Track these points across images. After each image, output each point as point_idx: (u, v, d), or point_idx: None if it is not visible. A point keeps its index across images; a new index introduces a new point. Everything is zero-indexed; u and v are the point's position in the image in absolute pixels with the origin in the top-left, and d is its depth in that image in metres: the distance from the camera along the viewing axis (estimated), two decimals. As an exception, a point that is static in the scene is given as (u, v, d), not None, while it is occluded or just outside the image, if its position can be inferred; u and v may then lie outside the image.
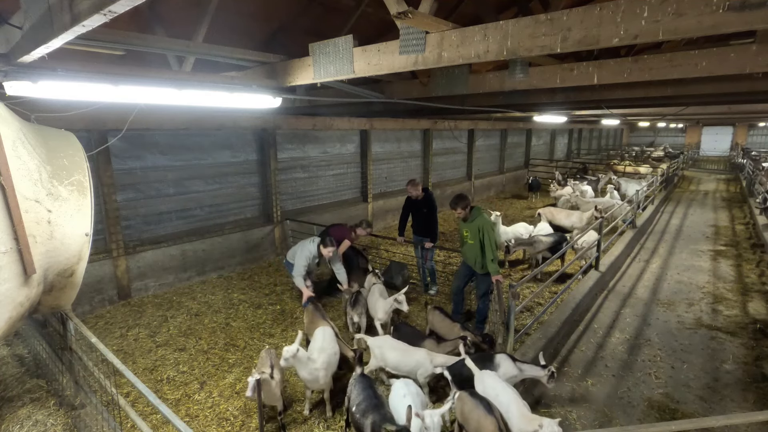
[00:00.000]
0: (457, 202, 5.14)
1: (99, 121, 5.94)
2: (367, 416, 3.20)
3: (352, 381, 3.61)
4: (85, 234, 3.09)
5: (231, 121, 7.78)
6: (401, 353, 4.22)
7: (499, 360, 3.98)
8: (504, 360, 3.97)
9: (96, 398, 3.80)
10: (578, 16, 2.27)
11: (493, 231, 5.08)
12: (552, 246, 7.49)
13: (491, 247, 4.98)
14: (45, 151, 3.00)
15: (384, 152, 12.00)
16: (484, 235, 4.99)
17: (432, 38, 2.86)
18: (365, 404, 3.30)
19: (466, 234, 5.25)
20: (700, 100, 5.87)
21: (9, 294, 2.67)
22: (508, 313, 4.56)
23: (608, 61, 3.65)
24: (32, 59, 2.71)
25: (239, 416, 4.06)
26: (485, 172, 17.04)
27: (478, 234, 5.04)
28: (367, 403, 3.31)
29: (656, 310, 6.45)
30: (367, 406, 3.28)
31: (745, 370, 4.87)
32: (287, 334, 5.62)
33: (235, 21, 4.64)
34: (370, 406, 3.28)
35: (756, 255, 9.10)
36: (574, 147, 26.41)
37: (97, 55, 4.22)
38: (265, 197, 8.85)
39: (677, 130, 37.39)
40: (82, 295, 5.70)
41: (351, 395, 3.51)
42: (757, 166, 16.35)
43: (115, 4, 1.76)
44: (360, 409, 3.29)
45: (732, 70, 3.11)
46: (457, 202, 5.14)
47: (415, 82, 5.16)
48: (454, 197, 5.20)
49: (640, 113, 10.14)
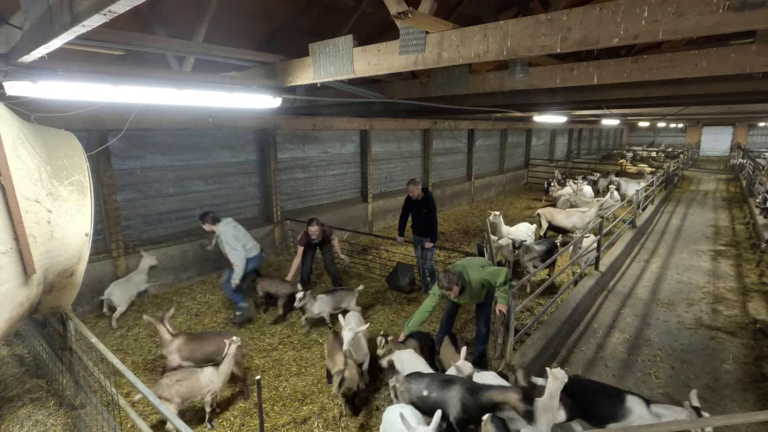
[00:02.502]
0: (451, 281, 4.16)
1: (99, 121, 5.94)
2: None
3: (486, 421, 3.05)
4: (85, 234, 3.09)
5: (231, 121, 7.78)
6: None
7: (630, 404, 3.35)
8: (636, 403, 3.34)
9: (96, 398, 3.79)
10: (578, 16, 2.27)
11: (490, 265, 4.54)
12: (544, 254, 7.05)
13: (504, 276, 4.30)
14: (45, 151, 2.99)
15: (384, 152, 12.00)
16: (489, 278, 4.31)
17: (432, 38, 2.85)
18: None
19: (468, 300, 4.53)
20: (700, 100, 5.87)
21: (9, 294, 2.67)
22: (508, 313, 4.55)
23: (608, 61, 3.65)
24: (32, 59, 2.71)
25: (239, 416, 4.06)
26: (485, 172, 17.04)
27: (482, 289, 4.39)
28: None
29: (656, 310, 6.45)
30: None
31: (745, 370, 4.87)
32: (287, 334, 5.62)
33: (234, 21, 4.64)
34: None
35: (756, 255, 9.10)
36: (574, 147, 26.40)
37: (97, 55, 4.22)
38: (265, 197, 8.85)
39: (677, 130, 37.38)
40: (82, 295, 5.69)
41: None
42: (757, 166, 16.34)
43: (115, 4, 1.76)
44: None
45: (732, 70, 3.11)
46: (451, 280, 4.16)
47: (415, 82, 5.16)
48: (445, 277, 4.19)
49: (640, 113, 10.14)
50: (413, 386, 3.49)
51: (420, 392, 3.43)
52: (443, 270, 4.33)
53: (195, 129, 7.47)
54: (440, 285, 4.26)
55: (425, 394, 3.41)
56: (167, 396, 3.59)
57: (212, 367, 3.88)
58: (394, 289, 7.01)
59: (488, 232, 6.68)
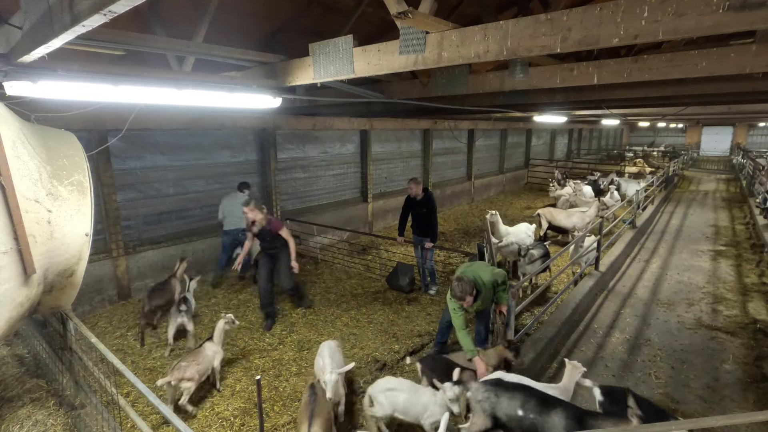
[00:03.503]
0: (465, 290, 3.95)
1: (99, 121, 5.94)
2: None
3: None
4: (85, 234, 3.09)
5: (231, 121, 7.78)
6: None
7: None
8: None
9: (96, 398, 3.80)
10: (578, 16, 2.27)
11: (495, 268, 4.49)
12: (540, 258, 6.85)
13: (504, 276, 4.34)
14: (45, 151, 2.99)
15: (384, 152, 12.00)
16: (498, 278, 4.30)
17: (432, 38, 2.85)
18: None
19: (479, 306, 4.37)
20: (700, 100, 5.86)
21: (9, 294, 2.67)
22: (508, 313, 4.56)
23: (608, 61, 3.65)
24: (32, 59, 2.71)
25: (239, 416, 4.06)
26: (485, 172, 17.04)
27: (492, 291, 4.31)
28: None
29: (656, 310, 6.44)
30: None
31: (745, 370, 4.87)
32: (287, 334, 5.62)
33: (234, 21, 4.64)
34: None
35: (756, 255, 9.10)
36: (574, 147, 26.41)
37: (97, 55, 4.22)
38: (265, 197, 8.85)
39: (677, 130, 37.39)
40: (82, 295, 5.70)
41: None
42: (757, 166, 16.34)
43: (115, 4, 1.76)
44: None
45: (732, 70, 3.11)
46: (464, 289, 3.96)
47: (415, 82, 5.16)
48: (458, 285, 3.96)
49: (640, 113, 10.13)
50: (504, 400, 3.03)
51: (513, 411, 2.98)
52: (456, 278, 4.06)
53: (195, 129, 7.48)
54: (453, 294, 4.02)
55: (520, 414, 2.94)
56: (190, 376, 3.95)
57: (209, 341, 4.40)
58: (394, 289, 7.02)
59: (488, 232, 6.68)
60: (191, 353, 4.23)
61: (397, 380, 3.70)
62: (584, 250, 7.17)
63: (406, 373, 4.77)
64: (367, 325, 5.91)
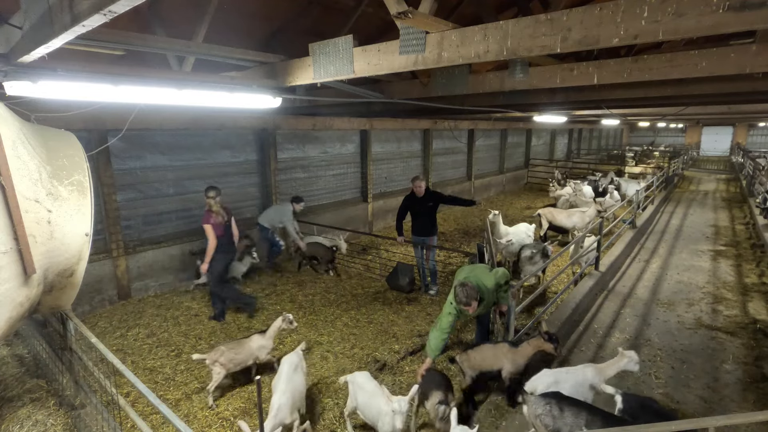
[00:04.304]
0: (470, 296, 3.89)
1: (99, 121, 5.94)
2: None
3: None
4: (85, 234, 3.09)
5: (231, 121, 7.78)
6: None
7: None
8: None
9: (96, 398, 3.80)
10: (578, 16, 2.27)
11: (496, 269, 4.46)
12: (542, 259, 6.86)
13: (504, 277, 4.34)
14: (45, 151, 2.99)
15: (384, 152, 12.00)
16: (500, 280, 4.28)
17: (432, 38, 2.85)
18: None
19: (483, 310, 4.36)
20: (700, 100, 5.87)
21: (9, 294, 2.67)
22: (508, 314, 4.55)
23: (608, 61, 3.65)
24: (32, 59, 2.71)
25: (239, 416, 4.06)
26: (485, 172, 17.04)
27: (494, 294, 4.29)
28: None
29: (656, 310, 6.44)
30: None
31: (745, 370, 4.87)
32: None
33: (234, 21, 4.64)
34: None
35: (756, 255, 9.10)
36: (574, 147, 26.41)
37: (97, 55, 4.22)
38: (265, 197, 8.85)
39: (677, 130, 37.39)
40: (82, 295, 5.70)
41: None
42: (757, 166, 16.34)
43: (115, 4, 1.76)
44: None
45: (732, 70, 3.11)
46: (470, 295, 3.89)
47: (415, 82, 5.16)
48: (462, 291, 3.90)
49: (640, 113, 10.14)
50: (568, 416, 2.80)
51: (578, 428, 2.79)
52: (460, 284, 3.97)
53: (195, 129, 7.47)
54: (458, 300, 3.93)
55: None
56: (222, 361, 4.13)
57: (258, 335, 4.50)
58: (394, 289, 7.02)
59: (488, 232, 6.68)
60: (235, 341, 4.44)
61: (366, 378, 3.64)
62: (584, 250, 7.17)
63: (406, 373, 4.77)
64: (367, 325, 5.92)
